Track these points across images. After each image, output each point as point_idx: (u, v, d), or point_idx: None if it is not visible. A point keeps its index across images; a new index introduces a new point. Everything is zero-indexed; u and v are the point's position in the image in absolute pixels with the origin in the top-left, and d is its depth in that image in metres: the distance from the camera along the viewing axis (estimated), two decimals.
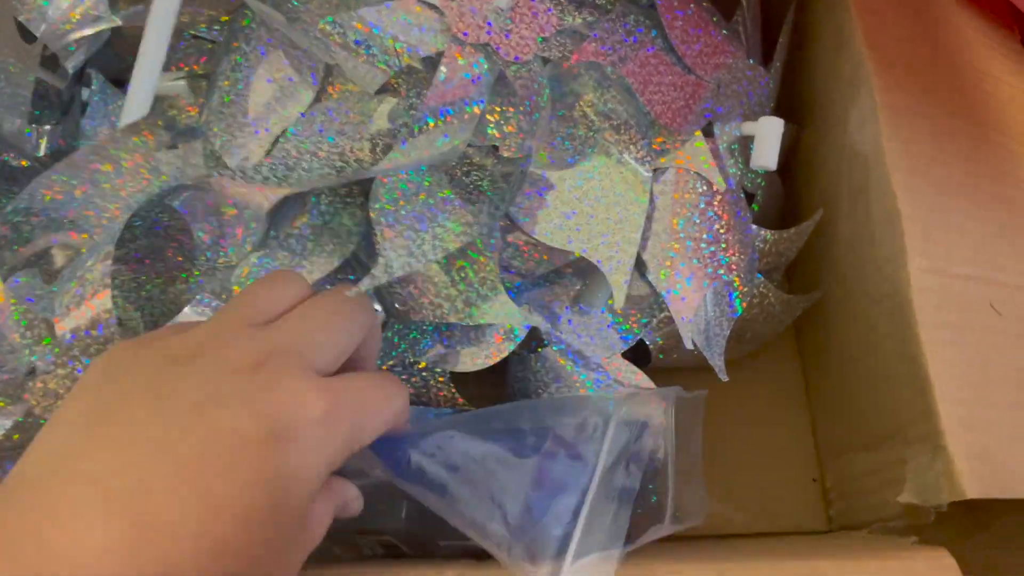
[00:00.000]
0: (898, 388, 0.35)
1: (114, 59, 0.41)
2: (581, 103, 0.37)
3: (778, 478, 0.43)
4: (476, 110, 0.34)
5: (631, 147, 0.37)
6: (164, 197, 0.35)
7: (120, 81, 0.40)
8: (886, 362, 0.36)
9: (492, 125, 0.36)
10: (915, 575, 0.30)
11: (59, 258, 0.35)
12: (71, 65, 0.38)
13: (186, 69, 0.38)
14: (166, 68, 0.37)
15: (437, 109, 0.33)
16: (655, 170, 0.37)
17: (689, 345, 0.36)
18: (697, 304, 0.36)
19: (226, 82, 0.36)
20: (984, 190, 0.38)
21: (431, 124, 0.34)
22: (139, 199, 0.35)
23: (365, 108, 0.36)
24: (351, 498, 0.28)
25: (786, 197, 0.45)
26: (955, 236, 0.36)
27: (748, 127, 0.38)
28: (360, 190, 0.37)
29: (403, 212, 0.34)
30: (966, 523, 0.42)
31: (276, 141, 0.34)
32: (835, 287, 0.42)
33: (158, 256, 0.35)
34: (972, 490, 0.31)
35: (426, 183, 0.35)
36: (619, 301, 0.35)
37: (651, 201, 0.37)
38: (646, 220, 0.37)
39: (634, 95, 0.36)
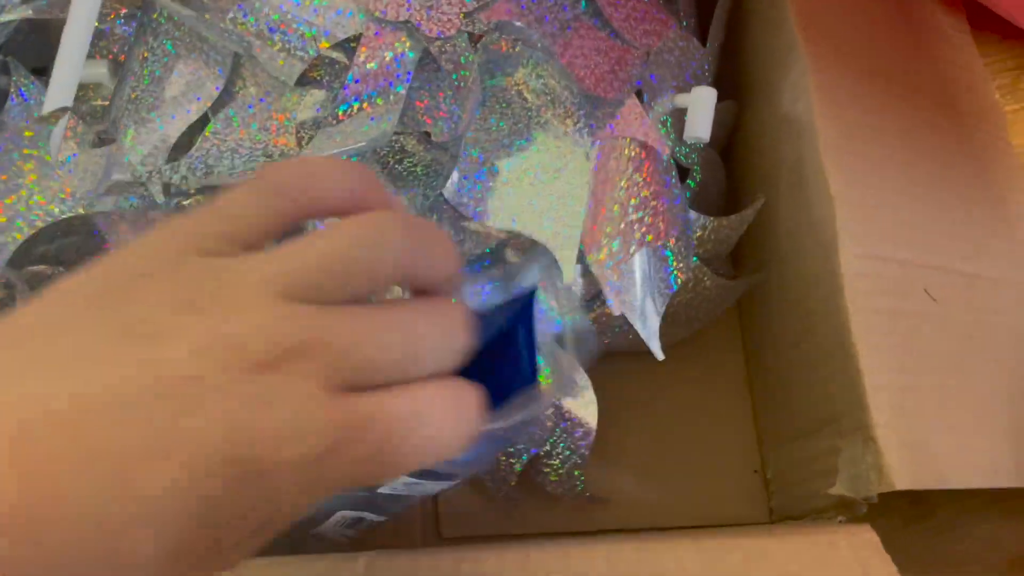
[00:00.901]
0: (831, 376, 0.34)
1: (37, 49, 0.39)
2: (514, 82, 0.36)
3: (719, 469, 0.43)
4: (401, 92, 0.33)
5: (567, 121, 0.36)
6: (81, 219, 0.33)
7: (43, 71, 0.38)
8: (820, 349, 0.35)
9: (422, 111, 0.35)
10: (837, 549, 0.29)
11: None
12: None
13: (110, 57, 0.37)
14: (90, 56, 0.36)
15: (360, 92, 0.32)
16: None
17: (617, 311, 0.35)
18: (624, 269, 0.36)
19: (133, 78, 0.34)
20: (922, 170, 0.37)
21: (355, 108, 0.32)
22: (47, 211, 0.33)
23: (287, 102, 0.35)
24: None
25: (728, 177, 0.44)
26: (890, 218, 0.35)
27: (681, 99, 0.37)
28: None
29: None
30: (909, 512, 0.41)
31: (183, 137, 0.33)
32: (776, 271, 0.41)
33: (60, 261, 0.34)
34: (902, 481, 0.30)
35: None
36: (568, 275, 0.34)
37: None
38: None
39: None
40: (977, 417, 0.33)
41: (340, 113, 0.32)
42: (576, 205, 0.35)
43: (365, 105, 0.32)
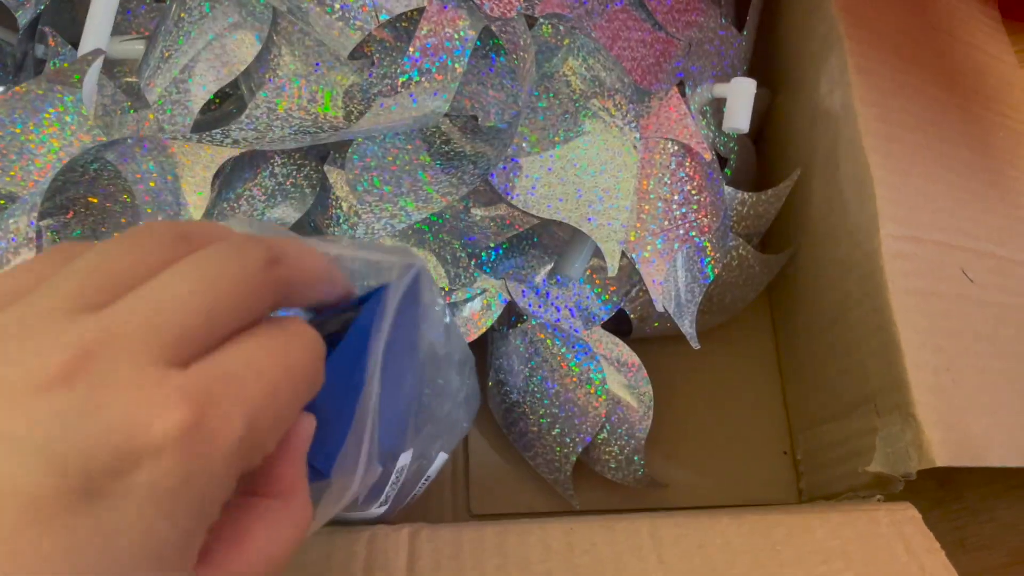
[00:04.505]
0: (868, 356, 0.34)
1: (72, 23, 0.39)
2: (564, 72, 0.36)
3: (749, 450, 0.43)
4: (458, 69, 0.33)
5: (616, 112, 0.36)
6: (102, 149, 0.33)
7: (78, 43, 0.38)
8: (856, 330, 0.35)
9: (469, 95, 0.35)
10: (878, 525, 0.29)
11: None
12: (22, 17, 0.37)
13: (146, 33, 0.37)
14: (125, 32, 0.36)
15: (421, 65, 0.32)
16: None
17: (660, 308, 0.35)
18: (668, 266, 0.36)
19: (168, 37, 0.34)
20: (956, 156, 0.37)
21: (415, 81, 0.32)
22: (71, 152, 0.33)
23: (336, 75, 0.35)
24: None
25: (759, 163, 0.44)
26: (927, 202, 0.35)
27: (720, 89, 0.37)
28: (316, 153, 0.36)
29: (379, 179, 0.34)
30: (937, 494, 0.41)
31: (219, 98, 0.33)
32: (808, 254, 0.41)
33: (87, 207, 0.33)
34: (941, 458, 0.31)
35: (403, 151, 0.34)
36: (612, 268, 0.34)
37: None
38: None
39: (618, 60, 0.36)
40: (1013, 397, 0.33)
41: (399, 83, 0.32)
42: (623, 200, 0.35)
43: (424, 79, 0.32)
